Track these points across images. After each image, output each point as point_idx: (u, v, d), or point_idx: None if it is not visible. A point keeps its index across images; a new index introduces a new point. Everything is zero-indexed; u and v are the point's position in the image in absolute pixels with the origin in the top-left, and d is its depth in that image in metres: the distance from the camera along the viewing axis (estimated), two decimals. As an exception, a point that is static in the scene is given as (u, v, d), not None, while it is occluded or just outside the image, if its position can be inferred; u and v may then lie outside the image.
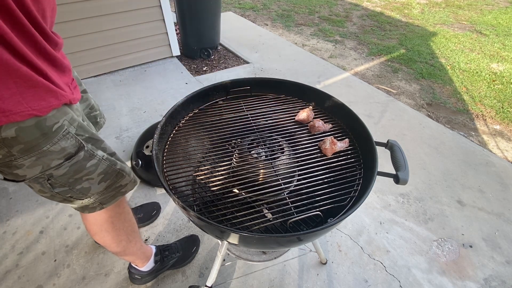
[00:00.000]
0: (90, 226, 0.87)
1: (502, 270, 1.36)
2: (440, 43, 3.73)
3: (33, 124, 0.53)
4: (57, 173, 0.62)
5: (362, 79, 2.87)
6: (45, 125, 0.55)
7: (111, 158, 0.74)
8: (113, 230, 0.88)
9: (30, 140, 0.54)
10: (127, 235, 0.94)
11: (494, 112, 2.50)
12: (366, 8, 5.03)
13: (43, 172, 0.60)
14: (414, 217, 1.57)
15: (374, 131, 2.16)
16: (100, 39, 2.49)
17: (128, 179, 0.80)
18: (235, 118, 0.98)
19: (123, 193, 0.81)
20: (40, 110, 0.53)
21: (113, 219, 0.87)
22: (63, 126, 0.59)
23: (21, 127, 0.52)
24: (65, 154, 0.61)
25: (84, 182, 0.68)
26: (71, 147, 0.62)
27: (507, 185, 1.78)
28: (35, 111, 0.52)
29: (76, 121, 0.63)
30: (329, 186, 0.78)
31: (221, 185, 0.81)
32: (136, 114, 2.21)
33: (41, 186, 0.63)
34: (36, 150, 0.56)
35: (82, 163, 0.65)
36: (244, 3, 4.96)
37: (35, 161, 0.57)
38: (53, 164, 0.60)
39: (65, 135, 0.60)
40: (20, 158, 0.56)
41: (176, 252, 1.26)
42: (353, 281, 1.28)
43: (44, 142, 0.56)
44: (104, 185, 0.73)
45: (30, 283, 1.21)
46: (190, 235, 1.39)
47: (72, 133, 0.61)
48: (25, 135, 0.53)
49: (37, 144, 0.56)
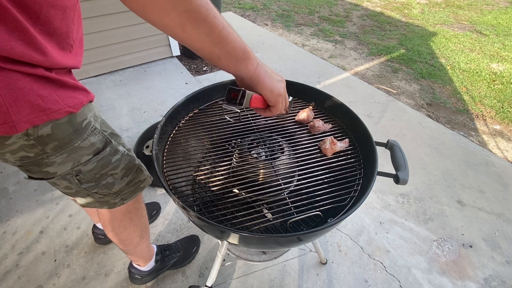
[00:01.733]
0: (109, 222, 0.87)
1: (502, 270, 1.36)
2: (440, 43, 3.73)
3: (66, 120, 0.55)
4: (85, 169, 0.63)
5: (362, 79, 2.87)
6: (76, 121, 0.57)
7: (131, 154, 0.75)
8: (130, 226, 0.90)
9: (63, 137, 0.56)
10: (141, 231, 0.96)
11: (494, 112, 2.50)
12: (366, 8, 5.03)
13: (73, 168, 0.61)
14: (414, 217, 1.57)
15: (374, 131, 2.16)
16: (100, 39, 2.49)
17: (145, 174, 0.82)
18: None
19: (142, 188, 0.83)
20: (74, 107, 0.55)
21: (131, 214, 0.88)
22: (91, 122, 0.61)
23: (56, 124, 0.53)
24: (94, 150, 0.63)
25: (109, 177, 0.70)
26: (99, 142, 0.63)
27: (507, 185, 1.78)
28: (70, 108, 0.54)
29: (99, 117, 0.66)
30: (329, 186, 0.78)
31: (221, 185, 0.81)
32: (136, 114, 2.21)
33: (69, 182, 0.64)
34: (69, 146, 0.58)
35: (108, 158, 0.67)
36: (244, 3, 4.96)
37: (66, 157, 0.59)
38: (83, 160, 0.62)
39: (93, 131, 0.61)
40: (53, 156, 0.57)
41: (177, 252, 1.26)
42: (353, 281, 1.28)
43: (75, 138, 0.58)
44: (126, 180, 0.75)
45: (30, 283, 1.21)
46: (190, 235, 1.39)
47: (99, 129, 0.63)
48: (60, 132, 0.55)
49: (70, 140, 0.57)
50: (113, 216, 0.86)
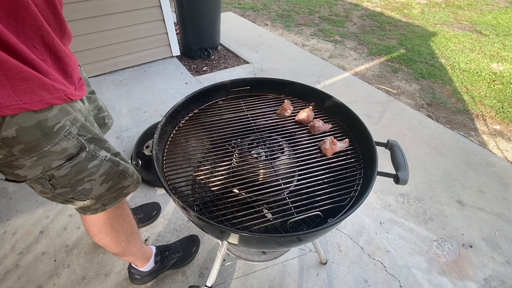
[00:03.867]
0: (89, 227, 0.87)
1: (502, 270, 1.36)
2: (440, 43, 3.73)
3: (34, 124, 0.53)
4: (58, 174, 0.62)
5: (362, 79, 2.87)
6: (46, 125, 0.55)
7: (115, 159, 0.73)
8: (112, 232, 0.88)
9: (30, 140, 0.54)
10: (126, 236, 0.94)
11: (494, 112, 2.50)
12: (366, 8, 5.03)
13: (44, 173, 0.60)
14: (414, 217, 1.57)
15: (374, 131, 2.16)
16: (100, 39, 2.49)
17: (130, 180, 0.79)
18: (235, 118, 0.98)
19: (126, 194, 0.81)
20: (32, 104, 0.51)
21: (112, 221, 0.86)
22: (65, 127, 0.59)
23: (22, 127, 0.51)
24: (67, 155, 0.61)
25: (86, 183, 0.68)
26: (72, 147, 0.61)
27: (507, 185, 1.78)
28: (27, 104, 0.50)
29: (79, 121, 0.63)
30: (329, 186, 0.78)
31: (221, 185, 0.81)
32: (136, 114, 2.21)
33: (43, 186, 0.63)
34: (37, 150, 0.56)
35: (83, 164, 0.65)
36: (244, 3, 4.96)
37: (36, 161, 0.57)
38: (54, 164, 0.60)
39: (66, 136, 0.59)
40: (21, 158, 0.55)
41: (176, 253, 1.26)
42: (353, 281, 1.28)
43: (45, 142, 0.56)
44: (106, 186, 0.73)
45: (30, 283, 1.21)
46: (190, 235, 1.39)
47: (74, 134, 0.61)
48: (26, 135, 0.53)
49: (38, 144, 0.55)
50: (92, 222, 0.84)
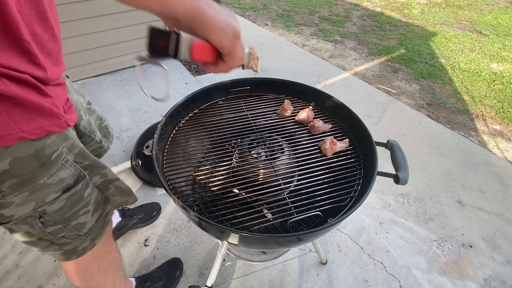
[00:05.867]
0: (71, 272, 0.73)
1: (502, 270, 1.36)
2: (440, 43, 3.73)
3: (31, 153, 0.46)
4: (51, 209, 0.53)
5: (362, 79, 2.87)
6: (44, 154, 0.47)
7: (105, 184, 0.64)
8: (98, 273, 0.77)
9: (25, 173, 0.46)
10: (113, 275, 0.84)
11: (494, 112, 2.50)
12: (366, 8, 5.03)
13: (35, 209, 0.51)
14: (414, 217, 1.57)
15: (374, 131, 2.16)
16: (100, 39, 2.49)
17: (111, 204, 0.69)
18: (235, 118, 0.98)
19: (108, 222, 0.70)
20: (30, 132, 0.44)
21: (99, 260, 0.76)
22: (62, 154, 0.51)
23: (18, 158, 0.44)
24: (64, 186, 0.53)
25: (81, 216, 0.59)
26: (70, 177, 0.54)
27: (507, 185, 1.78)
28: (25, 133, 0.43)
29: (78, 147, 0.55)
30: (329, 186, 0.78)
31: (221, 185, 0.81)
32: (136, 114, 2.21)
33: (30, 227, 0.53)
34: (31, 183, 0.48)
35: (80, 193, 0.57)
36: (244, 3, 4.96)
37: (27, 196, 0.48)
38: (49, 198, 0.51)
39: (63, 164, 0.52)
40: (10, 195, 0.46)
41: (159, 281, 1.16)
42: (353, 281, 1.28)
43: (41, 173, 0.48)
44: (96, 216, 0.64)
45: (30, 283, 1.21)
46: (171, 258, 1.28)
47: (71, 161, 0.54)
48: (21, 167, 0.45)
49: (33, 176, 0.47)
50: (76, 265, 0.71)
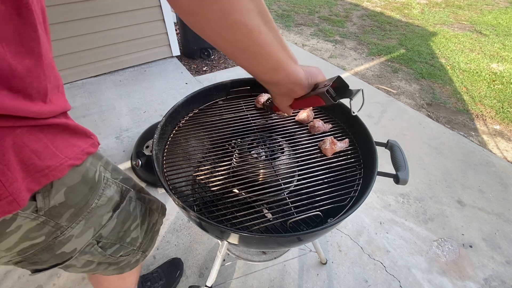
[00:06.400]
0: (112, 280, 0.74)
1: (502, 270, 1.36)
2: (440, 43, 3.73)
3: (80, 179, 0.44)
4: (106, 231, 0.52)
5: (362, 79, 2.87)
6: (89, 177, 0.46)
7: (141, 195, 0.66)
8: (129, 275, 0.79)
9: (79, 201, 0.45)
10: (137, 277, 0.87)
11: (494, 112, 2.50)
12: (366, 8, 5.03)
13: (94, 236, 0.50)
14: (414, 217, 1.57)
15: (374, 131, 2.16)
16: (100, 39, 2.49)
17: (157, 214, 0.71)
18: (235, 118, 0.98)
19: (157, 232, 0.73)
20: (76, 158, 0.42)
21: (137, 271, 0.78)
22: (101, 173, 0.50)
23: (70, 186, 0.42)
24: (113, 204, 0.53)
25: (133, 231, 0.60)
26: (115, 194, 0.54)
27: (507, 185, 1.78)
28: (72, 160, 0.41)
29: (110, 164, 0.55)
30: (329, 186, 0.78)
31: (221, 185, 0.81)
32: (136, 114, 2.21)
33: (91, 255, 0.52)
34: (85, 210, 0.46)
35: (126, 208, 0.57)
36: (244, 3, 4.96)
37: (85, 225, 0.47)
38: (103, 220, 0.51)
39: (106, 183, 0.51)
40: (68, 228, 0.45)
41: (159, 280, 1.18)
42: (353, 281, 1.28)
43: (92, 197, 0.47)
44: (144, 228, 0.65)
45: (30, 283, 1.21)
46: (172, 258, 1.29)
47: (111, 178, 0.53)
48: (74, 196, 0.43)
49: (86, 202, 0.46)
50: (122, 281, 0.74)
